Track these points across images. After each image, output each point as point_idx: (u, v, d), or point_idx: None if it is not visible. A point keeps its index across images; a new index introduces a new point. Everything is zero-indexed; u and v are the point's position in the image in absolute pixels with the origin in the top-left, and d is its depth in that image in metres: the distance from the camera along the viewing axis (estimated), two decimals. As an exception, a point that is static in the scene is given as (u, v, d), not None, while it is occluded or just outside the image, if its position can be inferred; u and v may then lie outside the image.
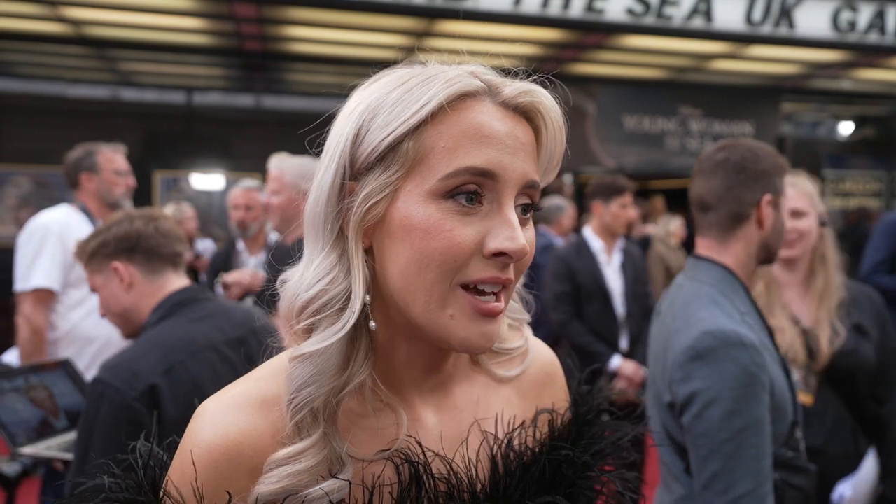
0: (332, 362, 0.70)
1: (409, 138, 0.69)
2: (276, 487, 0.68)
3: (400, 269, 0.70)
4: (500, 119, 0.71)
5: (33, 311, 2.93)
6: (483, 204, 0.70)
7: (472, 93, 0.71)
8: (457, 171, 0.68)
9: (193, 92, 8.56)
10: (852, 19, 6.74)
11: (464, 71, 0.73)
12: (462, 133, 0.69)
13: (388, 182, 0.70)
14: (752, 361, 1.45)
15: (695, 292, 1.63)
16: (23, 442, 2.04)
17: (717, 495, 1.42)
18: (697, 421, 1.46)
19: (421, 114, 0.69)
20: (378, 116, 0.70)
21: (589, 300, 3.81)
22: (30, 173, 7.77)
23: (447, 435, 0.79)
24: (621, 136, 8.22)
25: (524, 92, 0.73)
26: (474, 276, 0.69)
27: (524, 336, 0.90)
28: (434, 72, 0.72)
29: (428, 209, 0.68)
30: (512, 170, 0.70)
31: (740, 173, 1.62)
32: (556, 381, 0.93)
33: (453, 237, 0.68)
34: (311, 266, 0.73)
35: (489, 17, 6.05)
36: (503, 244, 0.68)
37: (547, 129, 0.76)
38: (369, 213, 0.70)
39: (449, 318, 0.69)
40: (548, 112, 0.74)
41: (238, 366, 1.73)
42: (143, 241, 1.77)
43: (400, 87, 0.71)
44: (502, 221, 0.69)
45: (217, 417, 0.72)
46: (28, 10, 6.07)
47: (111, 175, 3.18)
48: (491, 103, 0.72)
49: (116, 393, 1.54)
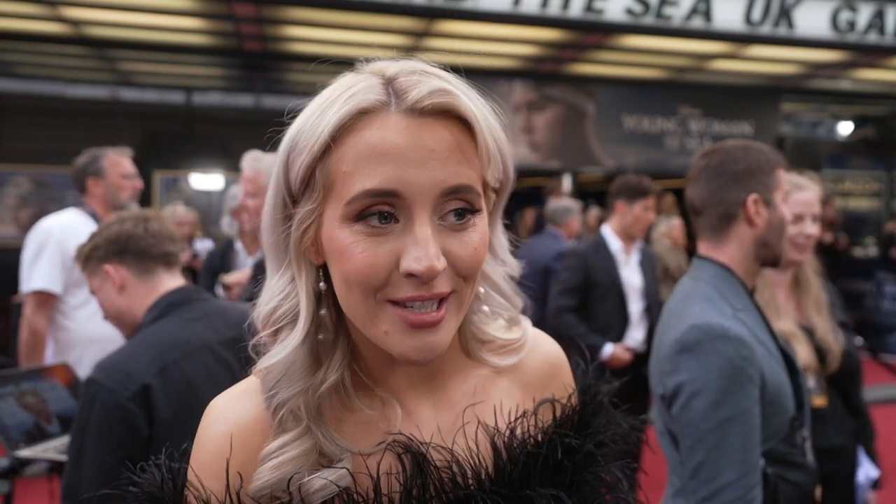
0: (296, 367, 0.74)
1: (318, 165, 0.70)
2: (266, 480, 0.71)
3: (337, 287, 0.73)
4: (401, 130, 0.67)
5: (33, 313, 3.01)
6: (399, 221, 0.69)
7: (368, 109, 0.68)
8: (356, 196, 0.67)
9: (193, 92, 8.56)
10: (852, 19, 6.74)
11: (376, 81, 0.70)
12: (358, 155, 0.68)
13: (312, 208, 0.72)
14: (738, 354, 1.49)
15: (690, 289, 1.69)
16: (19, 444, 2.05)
17: (702, 484, 1.46)
18: (684, 411, 1.51)
19: (320, 141, 0.68)
20: (297, 144, 0.72)
21: (603, 298, 3.84)
22: (29, 173, 7.78)
23: (444, 426, 0.81)
24: (621, 136, 8.22)
25: (432, 92, 0.68)
26: (397, 295, 0.69)
27: (523, 329, 0.91)
28: (346, 86, 0.71)
29: (342, 233, 0.69)
30: (418, 183, 0.67)
31: (720, 176, 1.68)
32: (561, 374, 0.93)
33: (365, 259, 0.68)
34: (270, 282, 0.78)
35: (489, 17, 6.05)
36: (411, 265, 0.67)
37: (475, 124, 0.71)
38: (304, 236, 0.74)
39: (384, 334, 0.70)
40: (465, 107, 0.69)
41: (233, 365, 1.73)
42: (133, 243, 1.78)
43: (316, 110, 0.71)
44: (412, 240, 0.68)
45: (227, 410, 0.77)
46: (28, 10, 6.08)
47: (117, 179, 3.21)
48: (395, 113, 0.68)
49: (109, 393, 1.54)
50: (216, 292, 3.81)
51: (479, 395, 0.84)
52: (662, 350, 1.63)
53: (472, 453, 0.79)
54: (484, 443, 0.80)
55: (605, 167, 8.24)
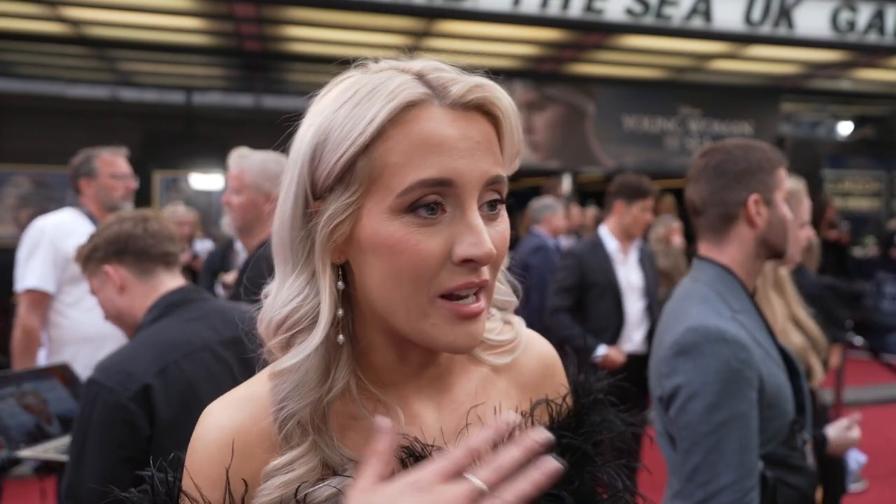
0: (309, 376, 0.72)
1: (362, 157, 0.69)
2: (272, 498, 0.70)
3: (377, 284, 0.71)
4: (450, 123, 0.70)
5: (26, 311, 3.02)
6: (446, 211, 0.70)
7: (415, 101, 0.70)
8: (411, 186, 0.68)
9: (193, 92, 8.56)
10: (851, 19, 6.75)
11: (409, 76, 0.71)
12: (411, 146, 0.69)
13: (349, 202, 0.70)
14: (735, 357, 1.48)
15: (689, 290, 1.68)
16: (19, 445, 2.05)
17: (699, 487, 1.46)
18: (681, 414, 1.51)
19: (367, 133, 0.68)
20: (330, 137, 0.70)
21: (600, 298, 3.83)
22: (29, 173, 7.78)
23: (447, 427, 0.81)
24: (621, 135, 8.23)
25: (473, 87, 0.71)
26: (449, 286, 0.70)
27: (516, 329, 0.91)
28: (379, 81, 0.71)
29: (391, 226, 0.69)
30: (469, 172, 0.69)
31: (721, 177, 1.67)
32: (555, 373, 0.94)
33: (420, 251, 0.68)
34: (283, 286, 0.75)
35: (489, 17, 6.05)
36: (468, 251, 0.69)
37: (504, 119, 0.75)
38: (334, 233, 0.71)
39: (431, 326, 0.71)
40: (500, 102, 0.73)
41: (233, 366, 1.72)
42: (132, 243, 1.77)
43: (347, 103, 0.71)
44: (466, 227, 0.69)
45: (222, 417, 0.75)
46: (28, 10, 6.08)
47: (108, 179, 3.21)
48: (439, 107, 0.70)
49: (110, 393, 1.54)
50: (216, 292, 3.81)
51: (479, 396, 0.85)
52: (661, 352, 1.62)
53: None
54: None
55: (604, 167, 8.24)
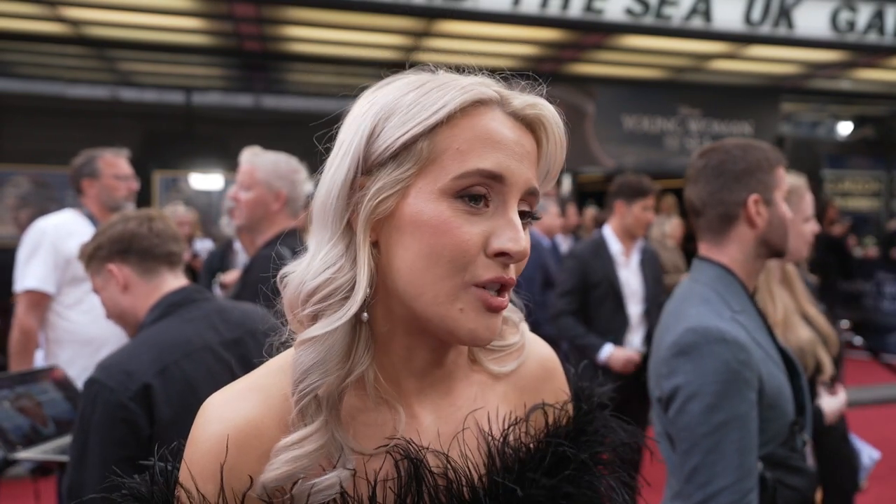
0: (336, 349, 0.73)
1: (424, 138, 0.73)
2: (279, 473, 0.71)
3: (408, 264, 0.73)
4: (510, 127, 0.75)
5: (25, 312, 3.02)
6: (489, 206, 0.74)
7: (485, 100, 0.75)
8: (468, 172, 0.72)
9: (193, 92, 8.56)
10: (851, 19, 6.75)
11: (476, 80, 0.77)
12: (475, 137, 0.73)
13: (399, 178, 0.73)
14: (734, 357, 1.48)
15: (689, 291, 1.67)
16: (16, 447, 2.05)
17: (698, 488, 1.45)
18: (680, 415, 1.50)
19: (437, 116, 0.72)
20: (394, 116, 0.74)
21: (602, 300, 3.82)
22: (29, 173, 7.78)
23: (444, 431, 0.81)
24: (620, 136, 8.23)
25: (531, 104, 0.77)
26: (483, 278, 0.72)
27: (520, 332, 0.92)
28: (448, 79, 0.76)
29: (439, 206, 0.72)
30: (518, 175, 0.74)
31: (719, 177, 1.66)
32: (555, 376, 0.94)
33: (461, 234, 0.71)
34: (318, 255, 0.76)
35: (489, 17, 6.06)
36: (506, 244, 0.72)
37: (548, 141, 0.79)
38: (379, 207, 0.73)
39: (458, 311, 0.73)
40: (551, 125, 0.79)
41: (234, 367, 1.72)
42: (137, 242, 1.77)
43: (415, 91, 0.75)
44: (507, 223, 0.73)
45: (223, 410, 0.74)
46: (28, 10, 6.08)
47: (111, 180, 3.21)
48: (501, 112, 0.76)
49: (111, 393, 1.54)
50: (214, 292, 3.82)
51: (478, 400, 0.85)
52: (660, 352, 1.62)
53: (468, 460, 0.79)
54: (480, 450, 0.81)
55: (604, 167, 8.24)
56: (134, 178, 3.32)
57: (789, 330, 2.20)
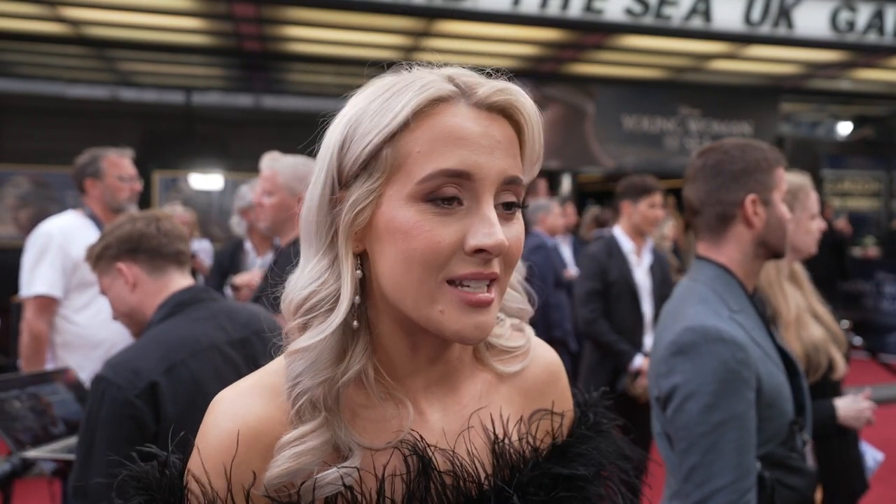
0: (324, 356, 0.74)
1: (387, 146, 0.72)
2: (282, 469, 0.72)
3: (389, 270, 0.74)
4: (474, 120, 0.73)
5: (34, 317, 3.00)
6: (463, 203, 0.73)
7: (444, 97, 0.73)
8: (432, 174, 0.71)
9: (192, 92, 8.57)
10: (851, 19, 6.75)
11: (440, 75, 0.75)
12: (435, 137, 0.72)
13: (371, 189, 0.73)
14: (733, 357, 1.48)
15: (688, 291, 1.67)
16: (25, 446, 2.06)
17: (696, 487, 1.45)
18: (678, 414, 1.50)
19: (395, 122, 0.72)
20: (360, 127, 0.74)
21: (618, 300, 3.83)
22: (29, 173, 7.78)
23: (449, 429, 0.81)
24: (620, 136, 8.24)
25: (498, 90, 0.75)
26: (458, 273, 0.72)
27: (526, 336, 0.92)
28: (412, 79, 0.75)
29: (408, 212, 0.72)
30: (488, 168, 0.72)
31: (717, 177, 1.66)
32: (559, 381, 0.94)
33: (433, 237, 0.71)
34: (305, 269, 0.78)
35: (488, 17, 6.06)
36: (480, 240, 0.71)
37: (527, 125, 0.78)
38: (357, 219, 0.74)
39: (440, 313, 0.73)
40: (524, 107, 0.77)
41: (241, 366, 1.73)
42: (146, 242, 1.79)
43: (379, 98, 0.74)
44: (480, 219, 0.72)
45: (234, 406, 0.76)
46: (28, 10, 6.08)
47: (115, 181, 3.19)
48: (465, 105, 0.74)
49: (118, 390, 1.55)
50: (225, 293, 3.81)
51: (483, 399, 0.86)
52: (659, 352, 1.62)
53: (474, 458, 0.80)
54: (484, 449, 0.82)
55: (604, 167, 8.25)
56: (137, 179, 3.31)
57: (802, 328, 2.19)
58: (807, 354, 2.16)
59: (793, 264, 2.30)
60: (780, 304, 2.20)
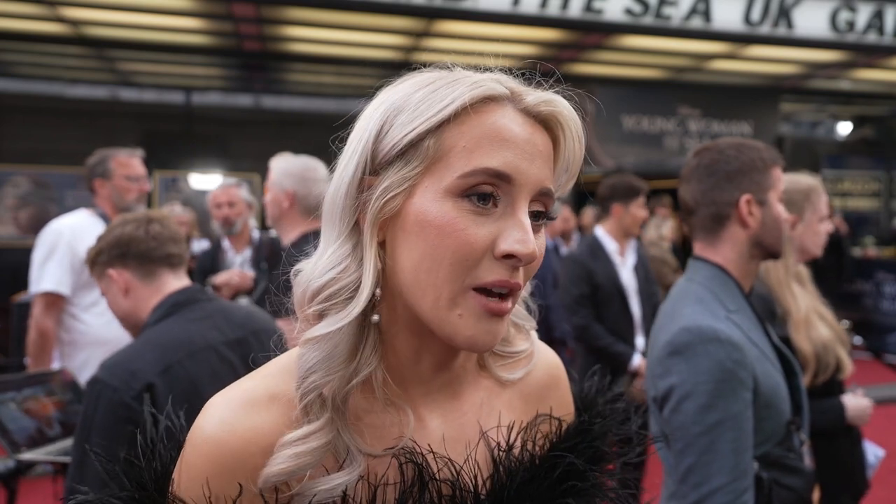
0: (340, 348, 0.72)
1: (431, 136, 0.71)
2: (283, 467, 0.69)
3: (412, 265, 0.71)
4: (521, 125, 0.72)
5: (42, 314, 3.01)
6: (497, 206, 0.71)
7: (495, 97, 0.73)
8: (474, 170, 0.69)
9: (192, 92, 8.57)
10: (851, 19, 6.75)
11: (489, 76, 0.75)
12: (482, 134, 0.71)
13: (406, 177, 0.71)
14: (729, 357, 1.47)
15: (684, 291, 1.66)
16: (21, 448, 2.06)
17: (692, 488, 1.44)
18: (674, 415, 1.49)
19: (444, 113, 0.70)
20: (402, 114, 0.72)
21: (607, 302, 3.80)
22: (29, 173, 7.78)
23: (450, 437, 0.80)
24: (620, 136, 8.23)
25: (545, 101, 0.74)
26: (485, 280, 0.70)
27: (530, 339, 0.91)
28: (460, 75, 0.74)
29: (444, 206, 0.70)
30: (528, 175, 0.71)
31: (711, 176, 1.65)
32: (560, 384, 0.93)
33: (466, 236, 0.69)
34: (324, 254, 0.75)
35: (489, 17, 6.06)
36: (513, 246, 0.69)
37: (565, 140, 0.77)
38: (386, 206, 0.72)
39: (457, 316, 0.70)
40: (567, 123, 0.76)
41: (237, 367, 1.73)
42: (134, 246, 1.78)
43: (425, 88, 0.73)
44: (515, 224, 0.70)
45: (226, 413, 0.72)
46: (28, 10, 6.08)
47: (123, 181, 3.21)
48: (512, 109, 0.73)
49: (114, 392, 1.54)
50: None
51: (485, 407, 0.84)
52: (655, 352, 1.61)
53: (474, 467, 0.78)
54: (484, 457, 0.80)
55: (604, 167, 8.24)
56: (146, 180, 3.33)
57: (812, 328, 2.19)
58: (817, 354, 2.15)
59: (797, 266, 2.30)
60: (789, 305, 2.20)
